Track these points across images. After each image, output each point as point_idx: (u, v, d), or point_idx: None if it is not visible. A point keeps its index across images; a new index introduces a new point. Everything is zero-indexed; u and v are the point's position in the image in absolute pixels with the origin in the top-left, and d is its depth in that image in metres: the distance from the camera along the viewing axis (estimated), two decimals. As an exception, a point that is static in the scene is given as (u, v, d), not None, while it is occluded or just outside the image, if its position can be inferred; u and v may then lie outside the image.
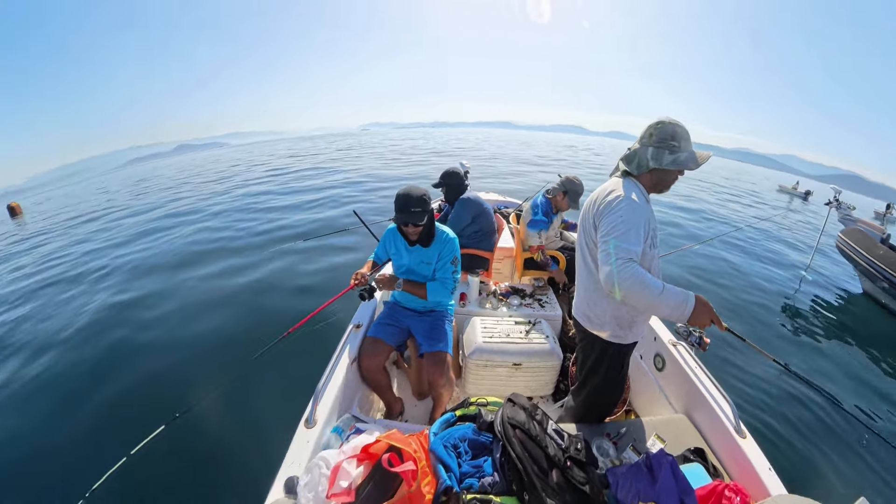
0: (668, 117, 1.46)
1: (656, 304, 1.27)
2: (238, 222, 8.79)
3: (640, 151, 1.47)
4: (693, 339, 1.67)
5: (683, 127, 1.44)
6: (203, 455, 2.55)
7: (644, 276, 1.26)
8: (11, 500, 2.40)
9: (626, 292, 1.27)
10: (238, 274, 5.62)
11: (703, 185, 19.07)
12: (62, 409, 3.10)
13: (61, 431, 2.85)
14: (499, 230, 3.35)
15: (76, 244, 8.77)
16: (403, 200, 1.94)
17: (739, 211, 13.44)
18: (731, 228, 9.23)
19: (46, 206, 20.05)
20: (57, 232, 10.96)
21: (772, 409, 3.13)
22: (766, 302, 5.40)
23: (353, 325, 2.22)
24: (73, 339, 4.19)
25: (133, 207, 12.99)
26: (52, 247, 8.97)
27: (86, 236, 9.50)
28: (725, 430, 1.60)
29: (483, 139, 47.15)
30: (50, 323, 4.68)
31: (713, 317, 1.30)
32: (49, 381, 3.51)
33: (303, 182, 14.07)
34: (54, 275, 6.67)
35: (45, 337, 4.31)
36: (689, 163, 1.42)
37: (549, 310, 2.70)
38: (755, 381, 3.41)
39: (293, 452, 1.46)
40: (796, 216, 15.12)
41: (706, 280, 5.89)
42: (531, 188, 9.26)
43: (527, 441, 1.27)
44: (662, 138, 1.43)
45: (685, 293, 1.28)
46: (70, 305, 5.20)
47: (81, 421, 2.94)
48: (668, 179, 1.49)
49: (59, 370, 3.65)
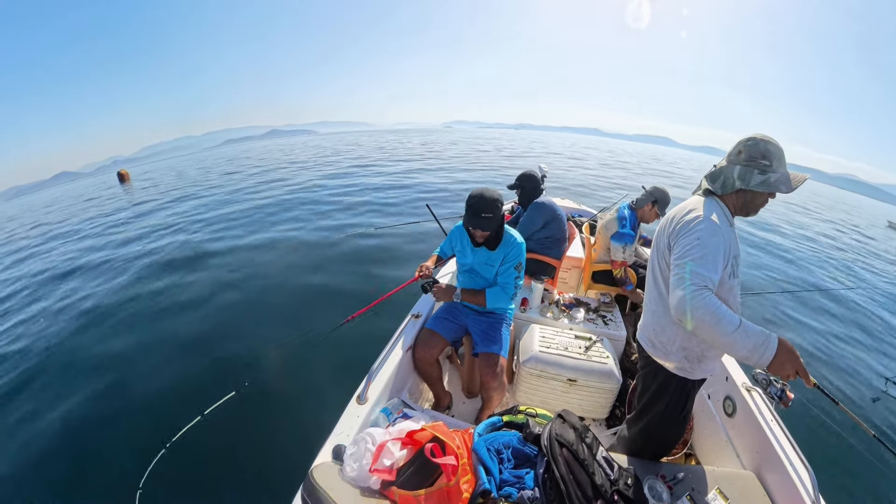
0: (761, 134, 1.31)
1: (730, 342, 1.13)
2: (319, 205, 9.40)
3: (726, 169, 1.34)
4: (773, 390, 1.46)
5: (777, 145, 1.28)
6: (265, 415, 2.82)
7: (719, 308, 1.13)
8: (108, 437, 2.81)
9: (697, 323, 1.15)
10: (311, 255, 6.05)
11: (793, 212, 16.65)
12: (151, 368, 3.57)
13: (144, 389, 3.28)
14: (570, 238, 3.24)
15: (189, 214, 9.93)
16: (475, 204, 1.92)
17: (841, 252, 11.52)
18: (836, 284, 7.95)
19: (150, 176, 22.69)
20: (161, 201, 12.45)
21: (859, 485, 2.70)
22: (865, 357, 4.62)
23: (412, 314, 2.28)
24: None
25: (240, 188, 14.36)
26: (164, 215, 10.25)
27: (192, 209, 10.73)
28: (801, 502, 1.41)
29: (569, 145, 45.65)
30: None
31: (799, 367, 1.12)
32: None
33: (382, 172, 14.68)
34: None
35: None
36: (781, 185, 1.27)
37: (613, 329, 2.56)
38: (841, 447, 2.95)
39: (343, 423, 1.54)
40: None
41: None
42: (609, 199, 8.80)
43: (573, 463, 1.23)
44: (752, 157, 1.28)
45: (766, 334, 1.12)
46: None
47: (161, 384, 3.33)
48: (757, 202, 1.34)
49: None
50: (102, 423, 2.95)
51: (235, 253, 6.39)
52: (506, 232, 2.10)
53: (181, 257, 6.35)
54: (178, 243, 7.15)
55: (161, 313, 4.54)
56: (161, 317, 4.47)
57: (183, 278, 5.52)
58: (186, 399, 3.00)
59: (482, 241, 2.06)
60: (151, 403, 3.09)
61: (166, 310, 4.60)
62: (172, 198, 12.35)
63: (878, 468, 2.80)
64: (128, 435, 2.81)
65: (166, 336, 4.06)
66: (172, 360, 3.64)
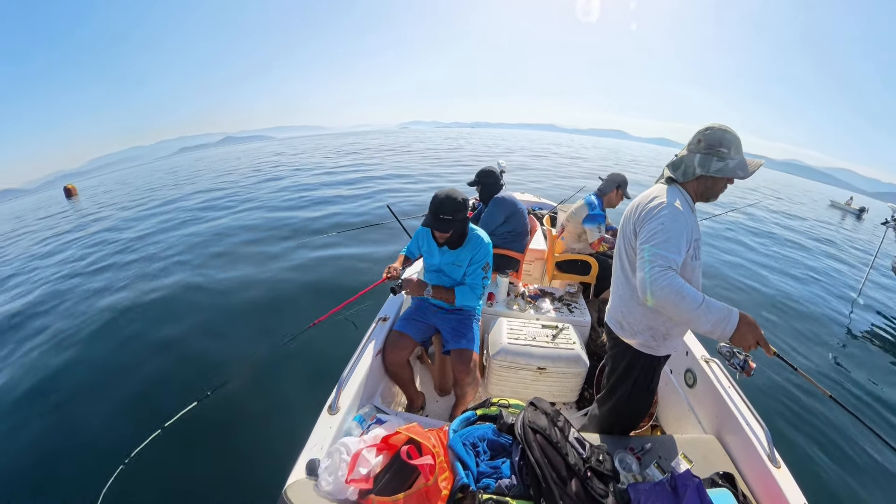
0: (718, 123, 1.40)
1: (694, 318, 1.20)
2: (274, 211, 9.11)
3: (686, 158, 1.42)
4: (736, 361, 1.54)
5: (734, 133, 1.37)
6: (231, 434, 2.67)
7: (683, 287, 1.20)
8: (60, 462, 2.59)
9: (662, 301, 1.21)
10: (271, 263, 5.84)
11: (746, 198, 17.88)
12: (102, 384, 3.32)
13: (97, 407, 3.04)
14: (531, 231, 3.31)
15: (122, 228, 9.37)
16: (435, 205, 1.94)
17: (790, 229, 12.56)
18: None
19: (100, 189, 21.38)
20: (104, 214, 11.73)
21: (812, 440, 2.93)
22: (813, 326, 5.06)
23: (379, 317, 2.25)
24: (109, 318, 4.52)
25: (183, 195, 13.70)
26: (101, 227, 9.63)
27: (133, 220, 10.12)
28: (758, 457, 1.51)
29: (525, 141, 46.70)
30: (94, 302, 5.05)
31: (759, 338, 1.20)
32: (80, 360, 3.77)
33: (339, 176, 14.44)
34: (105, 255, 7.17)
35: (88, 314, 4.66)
36: (738, 171, 1.36)
37: (578, 315, 2.64)
38: (796, 407, 3.21)
39: (316, 436, 1.50)
40: (847, 234, 14.02)
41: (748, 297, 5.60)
42: (567, 191, 9.08)
43: (547, 447, 1.26)
44: (711, 145, 1.37)
45: (728, 309, 1.20)
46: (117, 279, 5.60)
47: (118, 396, 3.12)
48: (716, 188, 1.43)
49: (87, 349, 3.92)
50: (53, 443, 2.74)
51: (193, 263, 6.09)
52: (472, 232, 2.11)
53: (138, 272, 6.00)
54: (133, 258, 6.74)
55: (110, 327, 4.27)
56: (111, 331, 4.20)
57: (135, 290, 5.22)
58: (144, 416, 2.83)
59: (443, 242, 2.08)
60: (107, 421, 2.88)
61: (116, 324, 4.32)
62: (122, 210, 11.59)
63: (830, 422, 3.06)
64: (82, 453, 2.61)
65: (122, 351, 3.81)
66: (128, 373, 3.42)
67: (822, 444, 2.92)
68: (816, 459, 2.76)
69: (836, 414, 3.15)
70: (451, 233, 1.99)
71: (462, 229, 2.05)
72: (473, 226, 2.15)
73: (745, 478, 1.54)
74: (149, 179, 22.42)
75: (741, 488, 1.47)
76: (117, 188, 19.68)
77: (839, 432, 3.01)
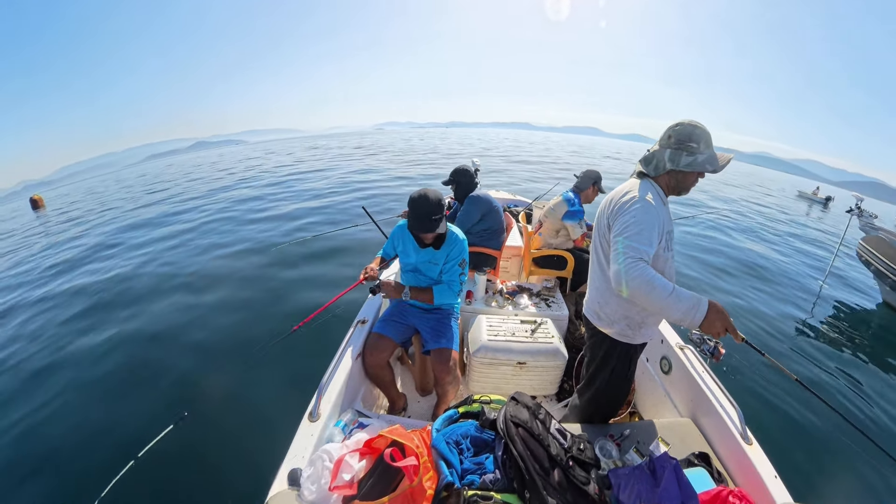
0: (689, 119, 1.45)
1: (664, 307, 1.24)
2: (247, 213, 8.93)
3: (658, 153, 1.46)
4: (706, 347, 1.60)
5: (704, 129, 1.41)
6: (210, 447, 2.59)
7: (653, 277, 1.24)
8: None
9: (634, 291, 1.25)
10: (248, 268, 5.72)
11: (713, 192, 18.57)
12: (70, 408, 3.15)
13: (67, 437, 2.87)
14: (507, 229, 3.34)
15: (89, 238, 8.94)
16: (422, 208, 1.89)
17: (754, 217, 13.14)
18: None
19: (66, 199, 20.40)
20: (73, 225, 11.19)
21: (782, 418, 3.07)
22: (783, 310, 5.32)
23: (358, 320, 2.23)
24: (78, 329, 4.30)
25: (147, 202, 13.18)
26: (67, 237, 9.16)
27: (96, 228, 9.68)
28: (731, 436, 1.57)
29: (500, 139, 47.06)
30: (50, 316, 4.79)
31: (728, 326, 1.24)
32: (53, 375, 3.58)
33: (314, 179, 14.21)
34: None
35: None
36: (707, 165, 1.40)
37: (556, 309, 2.68)
38: (766, 388, 3.36)
39: (297, 445, 1.47)
40: (814, 222, 14.78)
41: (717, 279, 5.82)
42: (543, 185, 9.21)
43: (529, 439, 1.27)
44: (680, 140, 1.41)
45: (697, 298, 1.24)
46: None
47: (90, 423, 2.96)
48: (687, 182, 1.48)
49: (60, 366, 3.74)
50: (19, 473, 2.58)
51: (165, 272, 5.90)
52: (448, 229, 2.12)
53: (108, 288, 5.70)
54: (103, 270, 6.42)
55: (70, 349, 4.03)
56: (74, 352, 3.97)
57: (102, 305, 5.00)
58: (120, 440, 2.71)
59: (430, 242, 2.07)
60: (78, 451, 2.73)
61: (78, 345, 4.08)
62: (90, 222, 11.03)
63: (795, 406, 3.21)
64: (53, 490, 2.46)
65: (89, 375, 3.60)
66: (100, 400, 3.24)
67: (791, 419, 3.07)
68: (786, 435, 2.90)
69: (803, 392, 3.31)
70: (439, 231, 1.99)
71: (444, 228, 2.06)
72: (448, 224, 2.16)
73: (719, 456, 1.61)
74: (118, 188, 21.57)
75: (716, 466, 1.53)
76: (86, 199, 18.77)
77: (806, 408, 3.18)
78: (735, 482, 1.50)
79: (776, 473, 1.42)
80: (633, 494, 1.24)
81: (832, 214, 19.01)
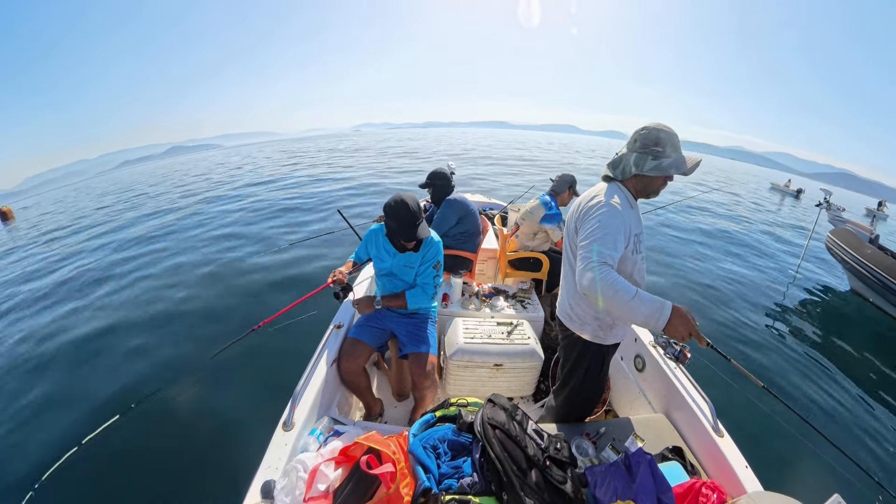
0: (655, 123, 1.44)
1: (627, 310, 1.23)
2: (216, 218, 8.67)
3: (625, 157, 1.47)
4: (671, 351, 1.57)
5: (670, 132, 1.41)
6: (174, 457, 2.47)
7: (616, 281, 1.24)
8: None
9: (598, 294, 1.25)
10: (221, 274, 5.57)
11: (688, 187, 19.18)
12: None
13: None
14: (483, 231, 3.36)
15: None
16: (405, 216, 1.86)
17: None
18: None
19: (37, 211, 19.31)
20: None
21: (751, 410, 3.19)
22: (758, 299, 5.56)
23: (333, 325, 2.18)
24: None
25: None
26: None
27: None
28: (703, 430, 1.62)
29: (478, 139, 47.40)
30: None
31: (692, 330, 1.23)
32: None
33: (290, 182, 13.95)
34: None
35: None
36: (671, 169, 1.40)
37: (531, 311, 2.70)
38: (735, 381, 3.47)
39: (270, 456, 1.42)
40: (787, 215, 15.36)
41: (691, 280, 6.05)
42: (518, 189, 9.32)
43: (506, 441, 1.27)
44: (646, 144, 1.42)
45: (660, 302, 1.23)
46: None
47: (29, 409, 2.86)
48: (654, 185, 1.48)
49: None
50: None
51: (134, 279, 5.72)
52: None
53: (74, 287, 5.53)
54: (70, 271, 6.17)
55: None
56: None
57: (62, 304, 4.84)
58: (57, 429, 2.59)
59: (413, 246, 2.05)
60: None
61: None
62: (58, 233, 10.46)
63: (764, 412, 3.34)
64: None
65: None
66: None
67: (759, 410, 3.18)
68: (757, 425, 3.01)
69: (770, 403, 3.46)
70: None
71: (426, 232, 2.04)
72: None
73: (692, 449, 1.64)
74: (89, 196, 20.62)
75: (689, 459, 1.57)
76: (58, 209, 17.80)
77: (774, 399, 3.31)
78: (708, 474, 1.54)
79: (746, 464, 1.46)
80: (610, 491, 1.26)
81: (804, 205, 19.73)
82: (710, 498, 1.28)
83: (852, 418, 3.37)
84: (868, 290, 5.99)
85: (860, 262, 5.94)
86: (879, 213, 11.48)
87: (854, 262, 6.06)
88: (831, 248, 6.67)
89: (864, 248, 6.04)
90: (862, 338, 5.09)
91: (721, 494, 1.31)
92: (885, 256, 5.77)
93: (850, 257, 6.14)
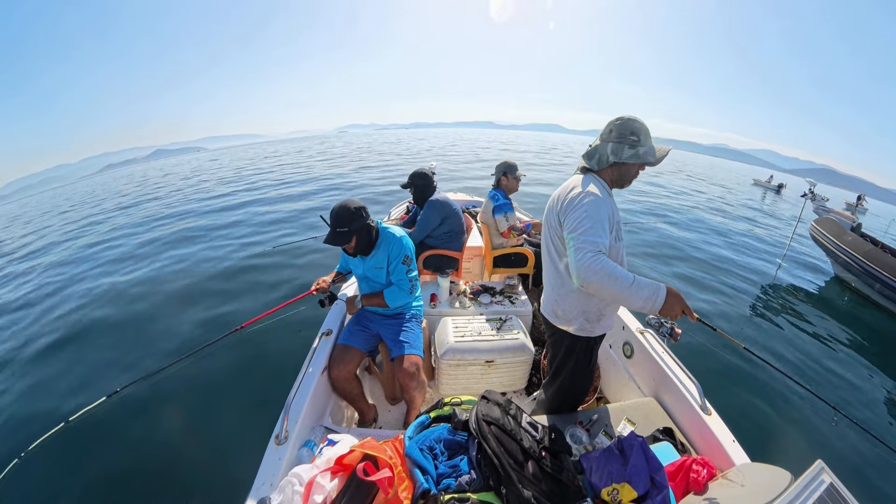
0: (628, 114, 1.50)
1: (627, 297, 1.27)
2: (197, 220, 8.58)
3: (600, 147, 1.50)
4: (664, 330, 1.67)
5: (642, 123, 1.47)
6: (163, 477, 2.40)
7: (614, 268, 1.27)
8: None
9: (595, 284, 1.27)
10: (205, 280, 5.54)
11: (668, 183, 19.44)
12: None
13: None
14: (468, 230, 3.37)
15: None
16: (332, 219, 1.92)
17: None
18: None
19: (14, 219, 18.66)
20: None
21: (737, 386, 3.29)
22: (745, 286, 5.78)
23: (322, 332, 2.16)
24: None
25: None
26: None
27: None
28: (692, 409, 1.66)
29: (463, 139, 47.55)
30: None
31: (684, 308, 1.30)
32: None
33: (275, 186, 13.80)
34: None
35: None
36: (648, 156, 1.46)
37: (519, 306, 2.72)
38: (720, 360, 3.58)
39: (264, 471, 1.40)
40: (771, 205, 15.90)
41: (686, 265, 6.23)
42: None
43: (502, 436, 1.27)
44: (622, 134, 1.45)
45: (656, 285, 1.28)
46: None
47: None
48: (630, 174, 1.52)
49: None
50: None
51: (115, 286, 5.69)
52: (385, 232, 2.10)
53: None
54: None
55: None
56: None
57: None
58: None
59: (354, 252, 2.07)
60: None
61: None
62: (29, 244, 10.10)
63: (748, 372, 3.46)
64: None
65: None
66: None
67: (745, 387, 3.30)
68: (742, 401, 3.11)
69: (753, 361, 3.58)
70: (354, 242, 1.98)
71: (367, 237, 2.03)
72: (386, 225, 2.15)
73: (682, 429, 1.69)
74: (70, 201, 20.04)
75: (679, 439, 1.61)
76: (36, 215, 17.21)
77: (757, 370, 3.42)
78: (697, 451, 1.58)
79: (734, 438, 1.51)
80: (605, 475, 1.28)
81: (786, 198, 20.50)
82: (700, 473, 1.32)
83: (823, 371, 3.63)
84: (849, 276, 6.25)
85: (841, 248, 6.19)
86: (859, 208, 11.73)
87: (836, 248, 6.31)
88: (815, 236, 6.93)
89: (846, 236, 6.31)
90: (840, 315, 5.33)
91: (710, 469, 1.35)
92: (864, 243, 6.05)
93: (833, 244, 6.40)
